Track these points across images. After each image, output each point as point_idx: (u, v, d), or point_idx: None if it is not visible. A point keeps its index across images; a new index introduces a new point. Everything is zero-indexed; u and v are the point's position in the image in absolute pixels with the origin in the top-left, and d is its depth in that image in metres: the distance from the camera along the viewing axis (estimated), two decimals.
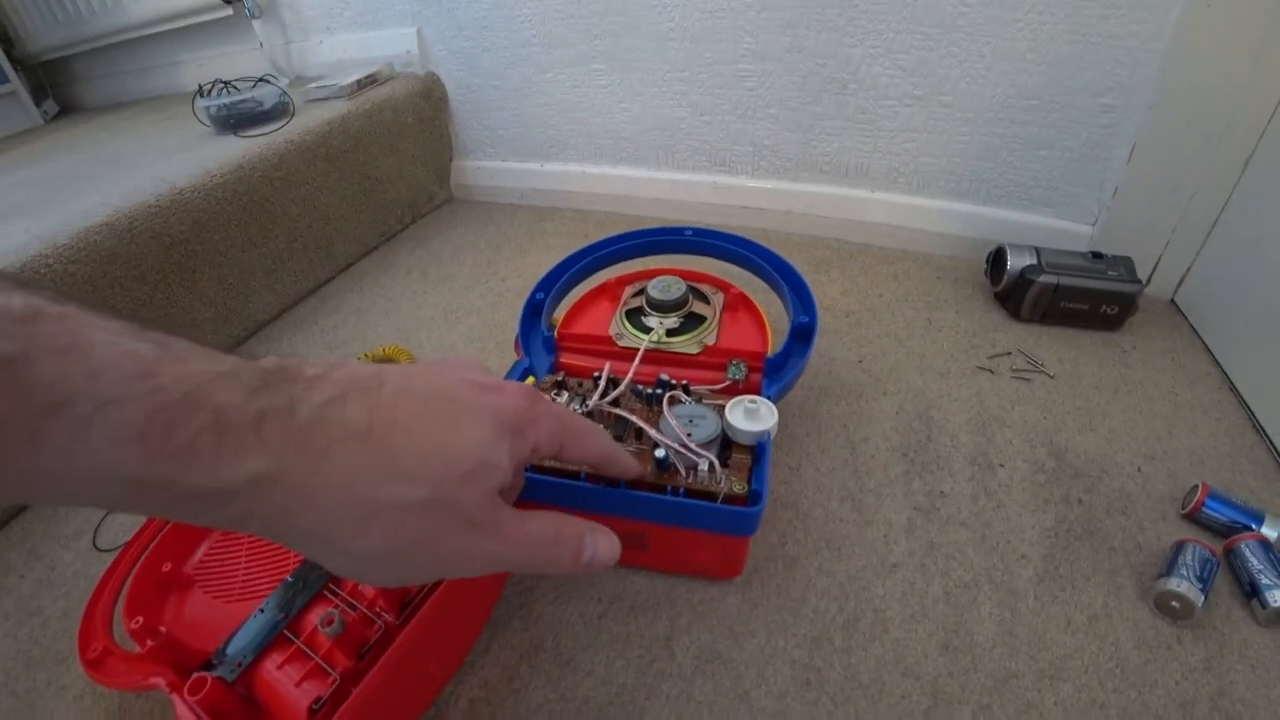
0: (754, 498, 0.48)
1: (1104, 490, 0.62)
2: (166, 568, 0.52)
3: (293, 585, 0.48)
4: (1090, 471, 0.64)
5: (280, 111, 0.99)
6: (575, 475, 0.51)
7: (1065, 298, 0.82)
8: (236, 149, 0.87)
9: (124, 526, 0.65)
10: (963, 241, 0.98)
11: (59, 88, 1.77)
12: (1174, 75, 0.76)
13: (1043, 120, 0.87)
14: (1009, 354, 0.80)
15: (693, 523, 0.49)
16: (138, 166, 0.86)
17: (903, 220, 1.01)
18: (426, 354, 0.84)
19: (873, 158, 0.99)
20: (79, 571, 0.61)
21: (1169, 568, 0.52)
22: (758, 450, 0.53)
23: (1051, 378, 0.76)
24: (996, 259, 0.88)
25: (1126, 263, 0.82)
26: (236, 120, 0.96)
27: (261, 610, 0.47)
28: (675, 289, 0.65)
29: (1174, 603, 0.50)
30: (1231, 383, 0.73)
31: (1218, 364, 0.76)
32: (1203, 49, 0.74)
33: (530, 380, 0.59)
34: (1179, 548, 0.53)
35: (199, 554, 0.55)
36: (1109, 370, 0.76)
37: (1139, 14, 0.76)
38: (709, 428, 0.52)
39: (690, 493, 0.49)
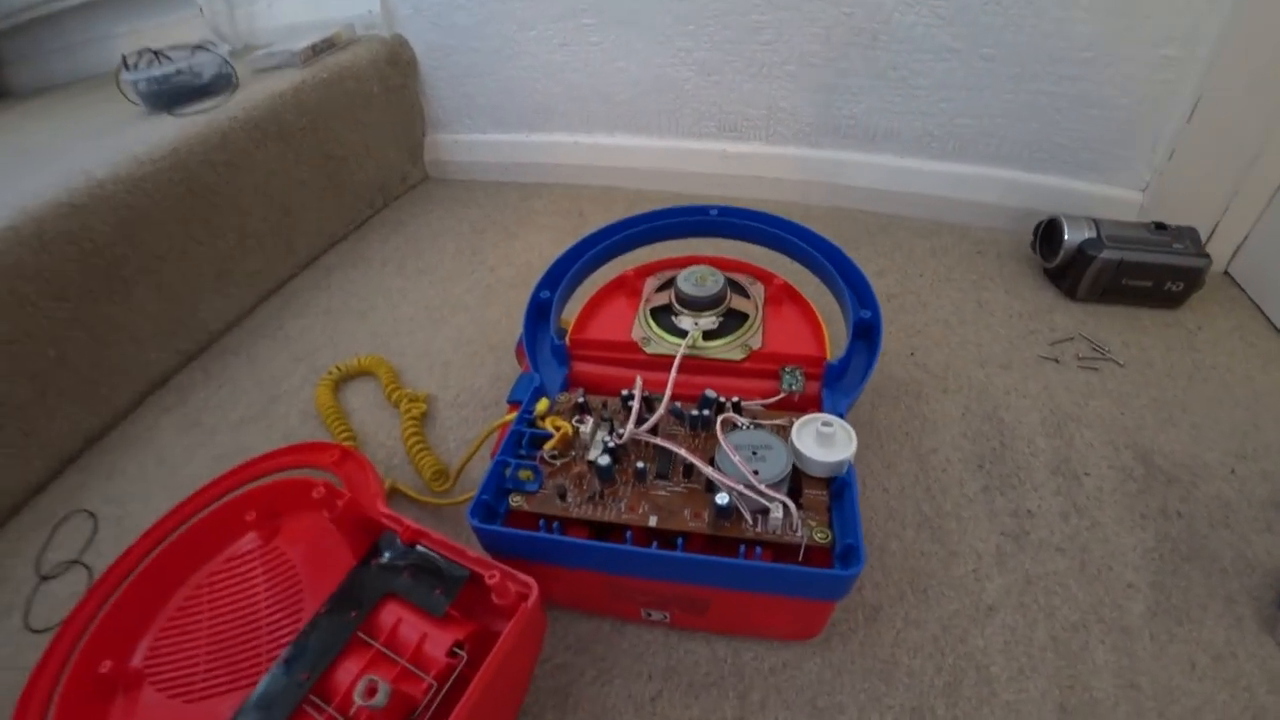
0: (848, 555, 0.38)
1: (1200, 498, 0.56)
2: (105, 667, 0.42)
3: (314, 634, 0.39)
4: (1182, 476, 0.58)
5: (221, 84, 0.86)
6: (619, 534, 0.41)
7: (1128, 275, 0.74)
8: (170, 130, 0.73)
9: (62, 600, 0.54)
10: (1002, 211, 0.90)
11: None
12: (1244, 22, 0.68)
13: (1096, 75, 0.78)
14: (1071, 339, 0.72)
15: (770, 588, 0.39)
16: (50, 158, 0.72)
17: (936, 189, 0.91)
18: (409, 362, 0.73)
19: (904, 119, 0.89)
20: (8, 659, 0.50)
21: None
22: (836, 485, 0.43)
23: (1121, 366, 0.69)
24: (1049, 232, 0.80)
25: (1191, 234, 0.74)
26: (170, 96, 0.82)
27: (277, 670, 0.38)
28: (712, 282, 0.54)
29: None
30: None
31: None
32: None
33: (544, 403, 0.48)
34: None
35: (145, 644, 0.45)
36: (1178, 354, 0.70)
37: None
38: (778, 462, 0.42)
39: (760, 546, 0.40)
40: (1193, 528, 0.53)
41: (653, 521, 0.41)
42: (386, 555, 0.43)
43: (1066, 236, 0.76)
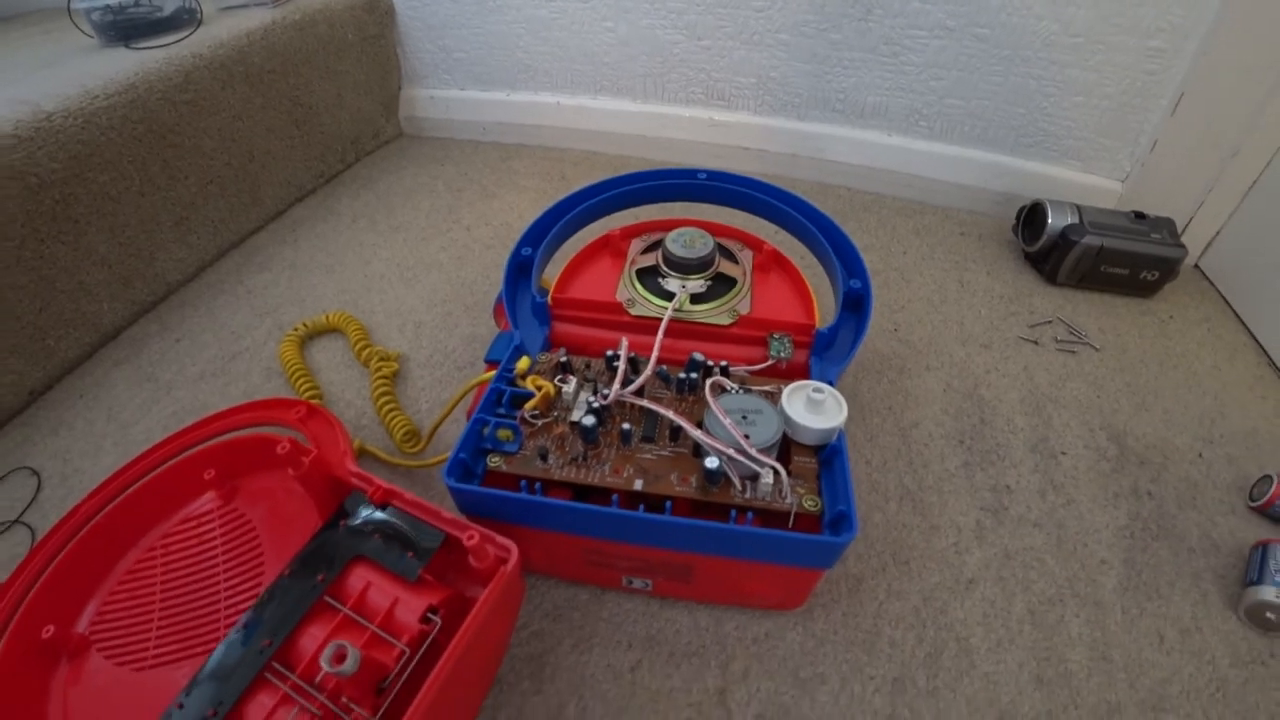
0: (838, 522, 0.38)
1: (1170, 480, 0.57)
2: (48, 632, 0.39)
3: (277, 598, 0.37)
4: (1153, 458, 0.59)
5: (184, 18, 0.80)
6: (604, 496, 0.39)
7: (1107, 261, 0.75)
8: (127, 64, 0.68)
9: (2, 562, 0.50)
10: (984, 195, 0.90)
11: None
12: (1233, 20, 0.69)
13: (1085, 62, 0.78)
14: (1049, 323, 0.73)
15: (760, 555, 0.38)
16: None
17: (921, 169, 0.91)
18: (379, 321, 0.70)
19: (893, 96, 0.87)
20: None
21: (1259, 574, 0.48)
22: (825, 453, 0.42)
23: (1097, 350, 0.70)
24: (1031, 215, 0.80)
25: (1169, 225, 0.75)
26: (127, 28, 0.77)
27: (235, 637, 0.36)
28: (701, 244, 0.53)
29: (1269, 614, 0.46)
30: (1270, 358, 0.69)
31: (1252, 336, 0.72)
32: None
33: (525, 361, 0.46)
34: (1264, 550, 0.49)
35: (91, 608, 0.42)
36: (1151, 342, 0.71)
37: None
38: (769, 427, 0.41)
39: (749, 512, 0.38)
40: (1162, 508, 0.54)
41: (639, 485, 0.39)
42: (355, 517, 0.40)
43: (1050, 220, 0.76)
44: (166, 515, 0.47)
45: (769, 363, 0.49)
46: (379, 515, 0.40)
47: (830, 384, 0.45)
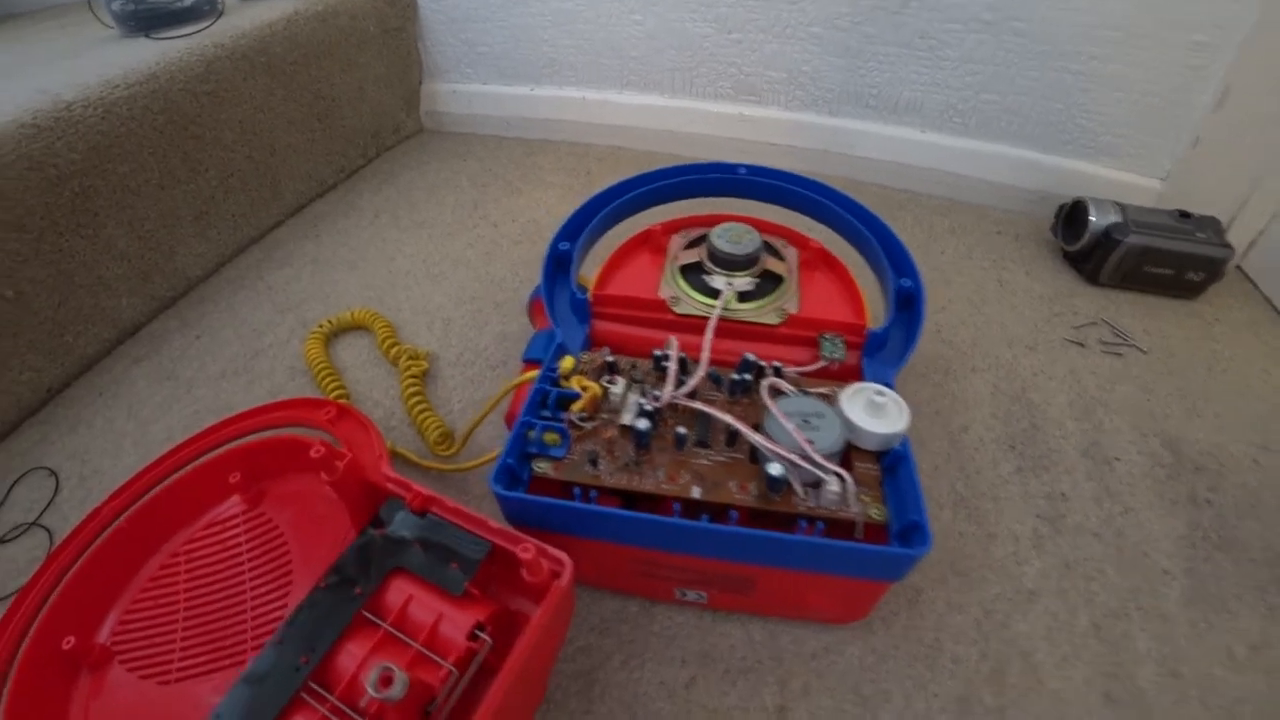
0: (910, 533, 0.35)
1: (1228, 487, 0.55)
2: (69, 643, 0.37)
3: (311, 612, 0.35)
4: (1209, 465, 0.57)
5: (205, 9, 0.78)
6: (664, 505, 0.37)
7: (1152, 261, 0.72)
8: (148, 54, 0.67)
9: (20, 565, 0.48)
10: (1020, 193, 0.87)
11: None
12: None
13: (1125, 57, 0.76)
14: (1093, 324, 0.71)
15: (828, 567, 0.36)
16: (13, 77, 0.65)
17: (955, 166, 0.88)
18: (406, 318, 0.68)
19: (928, 92, 0.85)
20: None
21: None
22: (888, 459, 0.40)
23: (1144, 353, 0.67)
24: (1072, 214, 0.78)
25: (1214, 224, 0.73)
26: (148, 18, 0.75)
27: (269, 653, 0.33)
28: (749, 240, 0.51)
29: None
30: None
31: None
32: None
33: (569, 361, 0.44)
34: None
35: (113, 617, 0.40)
36: (1198, 344, 0.69)
37: None
38: (832, 431, 0.39)
39: (815, 521, 0.36)
40: (1222, 516, 0.52)
41: (696, 493, 0.37)
42: (392, 525, 0.38)
43: (1092, 219, 0.74)
44: (190, 520, 0.45)
45: (820, 364, 0.46)
46: (419, 523, 0.38)
47: (890, 386, 0.43)
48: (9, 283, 0.55)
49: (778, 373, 0.44)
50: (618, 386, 0.42)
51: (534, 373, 0.44)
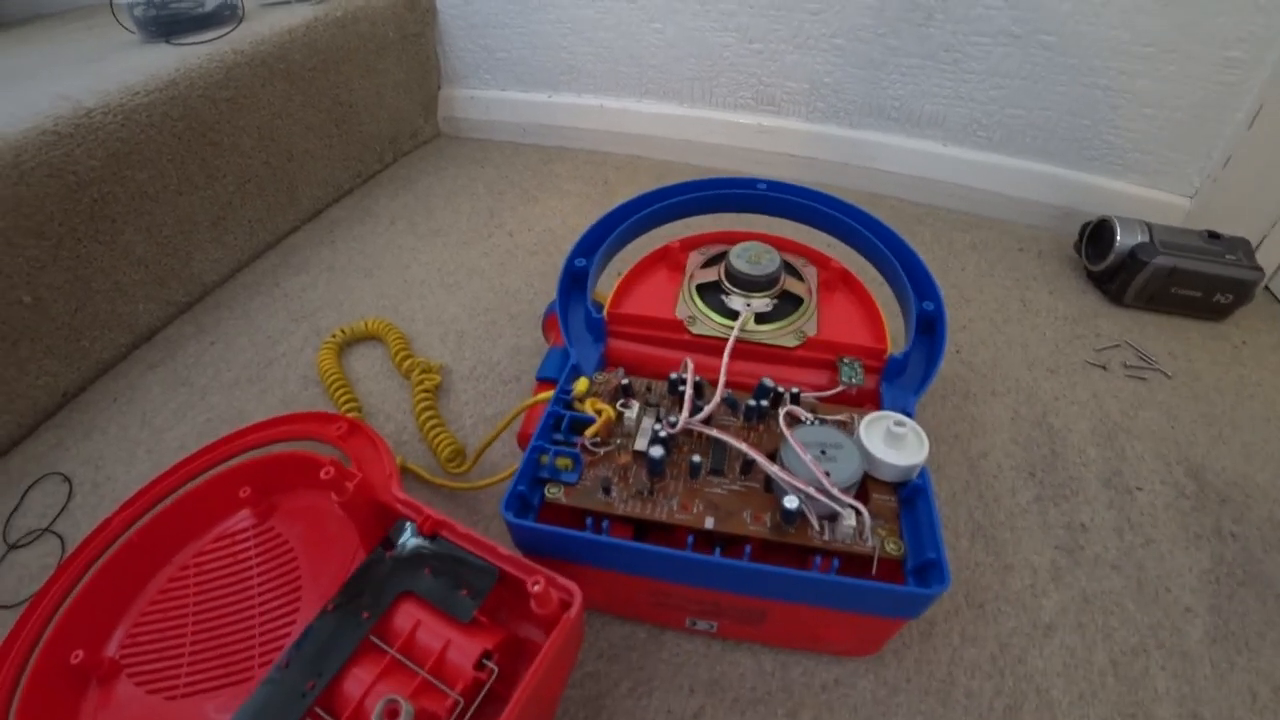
0: (926, 570, 0.35)
1: (1254, 520, 0.53)
2: (77, 657, 0.37)
3: (320, 635, 0.34)
4: (1234, 496, 0.55)
5: (226, 14, 0.79)
6: (677, 538, 0.36)
7: (1179, 283, 0.71)
8: (168, 60, 0.67)
9: (32, 571, 0.49)
10: (1043, 209, 0.86)
11: None
12: None
13: (1156, 72, 0.74)
14: (1117, 346, 0.69)
15: (842, 604, 0.35)
16: (36, 81, 0.65)
17: (977, 181, 0.87)
18: (420, 329, 0.68)
19: (951, 105, 0.84)
20: None
21: None
22: (906, 491, 0.39)
23: (1169, 377, 0.66)
24: (1097, 232, 0.76)
25: (1244, 245, 0.71)
26: (169, 24, 0.75)
27: (275, 676, 0.33)
28: (768, 260, 0.50)
29: None
30: None
31: None
32: None
33: (583, 383, 0.43)
34: None
35: (122, 630, 0.40)
36: (1225, 369, 0.67)
37: None
38: (850, 463, 0.38)
39: (829, 556, 0.36)
40: (1248, 550, 0.51)
41: (709, 524, 0.36)
42: (402, 547, 0.38)
43: (1118, 238, 0.72)
44: (200, 533, 0.45)
45: (838, 389, 0.46)
46: (428, 547, 0.37)
47: (910, 415, 0.42)
48: (27, 288, 0.55)
49: (795, 399, 0.43)
50: (632, 410, 0.42)
51: (547, 393, 0.44)
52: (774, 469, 0.37)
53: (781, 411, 0.40)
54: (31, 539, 0.51)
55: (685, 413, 0.40)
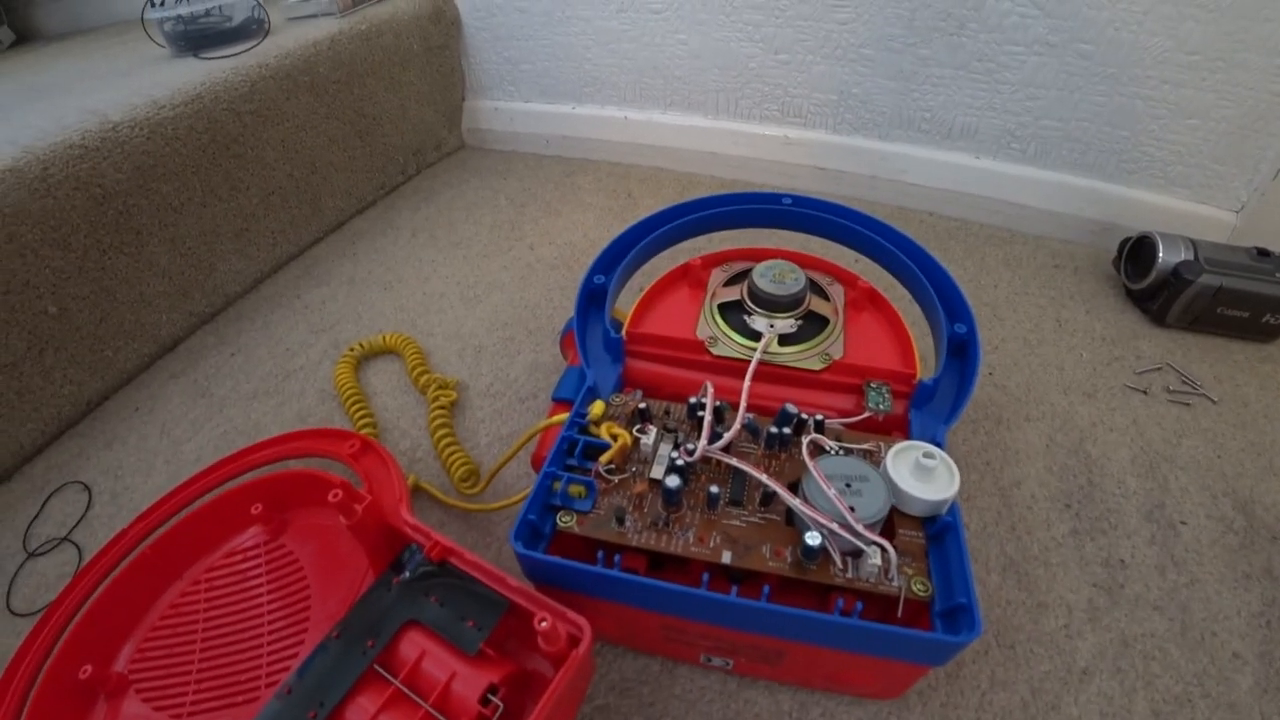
0: (955, 616, 0.33)
1: None
2: (86, 672, 0.37)
3: (325, 663, 0.34)
4: None
5: (253, 28, 0.80)
6: (693, 575, 0.35)
7: (1226, 303, 0.67)
8: (195, 74, 0.67)
9: (49, 580, 0.49)
10: (1080, 223, 0.83)
11: (15, 13, 1.53)
12: None
13: (1201, 81, 0.71)
14: (1159, 369, 0.66)
15: (864, 648, 0.33)
16: (66, 96, 0.66)
17: (1011, 194, 0.84)
18: (438, 344, 0.67)
19: (984, 116, 0.81)
20: None
21: None
22: (934, 527, 0.37)
23: (1214, 402, 0.62)
24: (1138, 249, 0.73)
25: None
26: (197, 38, 0.77)
27: (277, 705, 0.33)
28: (792, 280, 0.48)
29: None
30: None
31: None
32: None
33: (599, 406, 0.42)
34: None
35: (131, 645, 0.40)
36: (1275, 395, 0.63)
37: None
38: (876, 498, 0.36)
39: (854, 596, 0.34)
40: None
41: (727, 558, 0.35)
42: (409, 573, 0.37)
43: (1161, 256, 0.69)
44: (211, 548, 0.45)
45: (865, 415, 0.44)
46: (436, 574, 0.36)
47: (940, 445, 0.40)
48: (53, 299, 0.56)
49: (819, 427, 0.41)
50: (649, 436, 0.40)
51: (562, 415, 0.43)
52: (796, 502, 0.35)
53: (805, 440, 0.39)
54: (50, 547, 0.51)
55: (704, 440, 0.39)
